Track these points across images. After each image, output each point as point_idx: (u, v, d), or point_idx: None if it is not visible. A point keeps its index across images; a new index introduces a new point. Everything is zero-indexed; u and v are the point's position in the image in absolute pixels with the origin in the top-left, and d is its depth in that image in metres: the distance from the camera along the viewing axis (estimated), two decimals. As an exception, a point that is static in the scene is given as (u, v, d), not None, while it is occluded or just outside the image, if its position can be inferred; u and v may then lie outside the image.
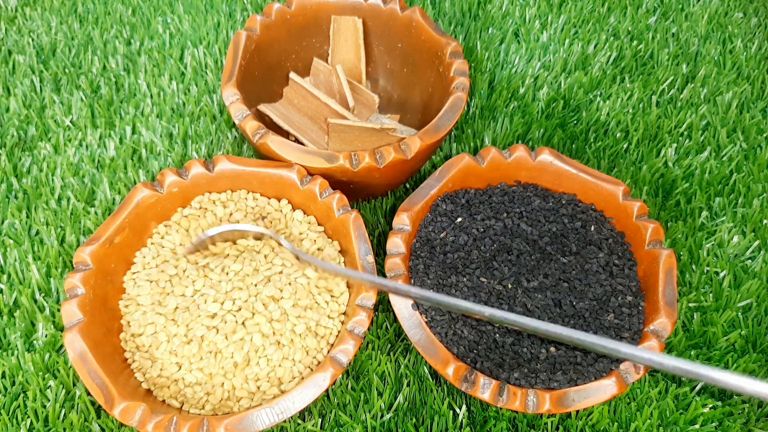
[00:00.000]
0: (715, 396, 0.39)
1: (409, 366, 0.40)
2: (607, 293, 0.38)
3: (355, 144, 0.44)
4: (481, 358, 0.36)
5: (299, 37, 0.51)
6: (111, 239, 0.38)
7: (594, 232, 0.41)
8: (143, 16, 0.60)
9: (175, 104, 0.53)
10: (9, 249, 0.44)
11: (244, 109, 0.42)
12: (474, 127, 0.52)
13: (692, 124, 0.53)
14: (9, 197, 0.47)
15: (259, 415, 0.33)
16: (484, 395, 0.34)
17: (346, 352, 0.35)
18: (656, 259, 0.39)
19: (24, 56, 0.56)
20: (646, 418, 0.38)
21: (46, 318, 0.41)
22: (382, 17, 0.50)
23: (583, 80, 0.55)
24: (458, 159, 0.42)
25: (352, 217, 0.39)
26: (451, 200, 0.42)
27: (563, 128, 0.53)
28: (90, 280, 0.37)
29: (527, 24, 0.60)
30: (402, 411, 0.38)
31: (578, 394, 0.34)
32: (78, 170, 0.48)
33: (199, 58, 0.56)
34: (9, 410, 0.37)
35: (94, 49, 0.57)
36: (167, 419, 0.32)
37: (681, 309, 0.42)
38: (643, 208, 0.41)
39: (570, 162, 0.43)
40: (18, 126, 0.51)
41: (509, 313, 0.34)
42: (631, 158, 0.51)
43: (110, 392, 0.33)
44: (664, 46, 0.59)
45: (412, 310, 0.37)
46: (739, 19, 0.62)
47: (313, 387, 0.34)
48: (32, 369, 0.38)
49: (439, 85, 0.47)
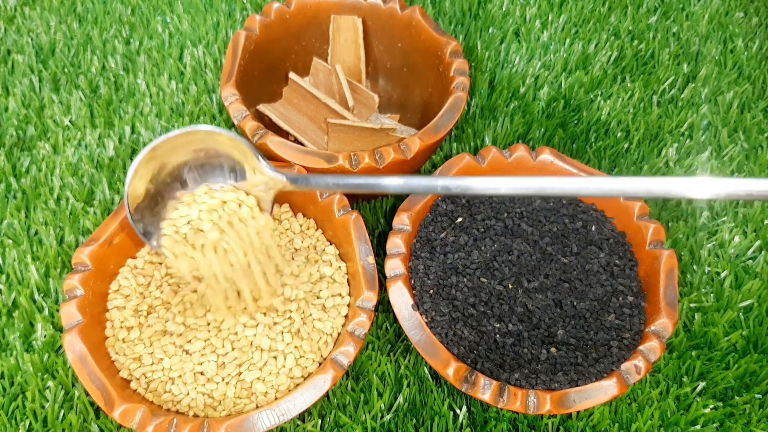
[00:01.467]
0: (716, 397, 0.39)
1: (409, 367, 0.40)
2: (608, 293, 0.38)
3: (354, 144, 0.44)
4: (482, 358, 0.36)
5: (299, 36, 0.50)
6: (110, 240, 0.38)
7: (595, 232, 0.41)
8: (142, 16, 0.59)
9: (175, 104, 0.53)
10: (8, 249, 0.43)
11: (243, 109, 0.42)
12: (474, 126, 0.52)
13: (693, 123, 0.53)
14: (8, 197, 0.46)
15: (260, 417, 0.33)
16: (485, 396, 0.34)
17: (347, 354, 0.35)
18: (657, 259, 0.39)
19: (23, 56, 0.55)
20: (647, 419, 0.38)
21: (44, 318, 0.41)
22: (381, 17, 0.50)
23: (583, 80, 0.55)
24: (458, 159, 0.42)
25: (353, 218, 0.39)
26: (451, 200, 0.42)
27: (564, 128, 0.52)
28: (89, 281, 0.36)
29: (528, 23, 0.60)
30: (402, 412, 0.38)
31: (579, 395, 0.34)
32: (77, 170, 0.48)
33: (199, 58, 0.56)
34: (8, 411, 0.37)
35: (93, 49, 0.56)
36: (167, 421, 0.32)
37: (682, 309, 0.42)
38: (644, 208, 0.41)
39: (571, 162, 0.43)
40: (17, 126, 0.51)
41: (519, 178, 0.30)
42: (631, 158, 0.51)
43: (110, 394, 0.33)
44: (664, 45, 0.59)
45: (412, 311, 0.36)
46: (740, 18, 0.62)
47: (313, 389, 0.34)
48: (31, 369, 0.38)
49: (439, 84, 0.47)
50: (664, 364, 0.40)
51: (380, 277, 0.39)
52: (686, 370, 0.40)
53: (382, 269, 0.43)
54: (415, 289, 0.38)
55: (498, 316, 0.37)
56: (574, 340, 0.36)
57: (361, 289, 0.37)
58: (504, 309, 0.37)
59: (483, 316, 0.37)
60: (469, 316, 0.37)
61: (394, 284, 0.37)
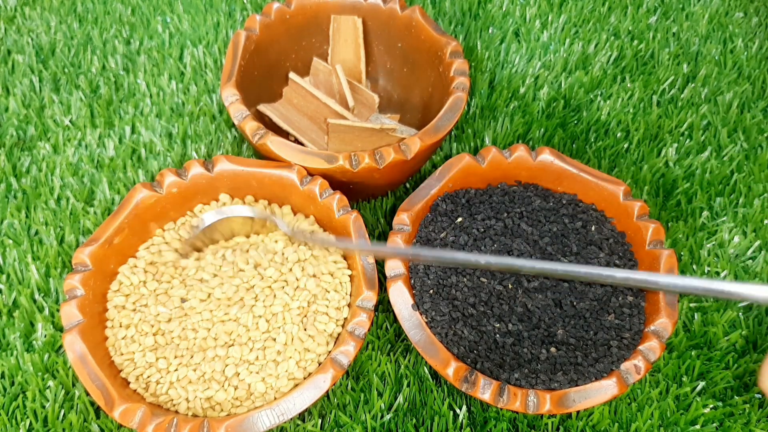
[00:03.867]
0: (716, 396, 0.39)
1: (409, 366, 0.40)
2: (607, 293, 0.38)
3: (354, 144, 0.44)
4: (482, 358, 0.36)
5: (299, 36, 0.50)
6: (110, 240, 0.38)
7: (594, 232, 0.41)
8: (143, 16, 0.60)
9: (175, 104, 0.53)
10: (8, 249, 0.44)
11: (244, 110, 0.42)
12: (474, 126, 0.52)
13: (693, 123, 0.53)
14: (8, 197, 0.47)
15: (260, 416, 0.33)
16: (485, 396, 0.34)
17: (347, 354, 0.35)
18: (657, 259, 0.39)
19: (23, 56, 0.55)
20: (647, 419, 0.38)
21: (45, 318, 0.41)
22: (381, 17, 0.50)
23: (583, 80, 0.55)
24: (458, 159, 0.42)
25: (353, 218, 0.39)
26: (451, 200, 0.42)
27: (564, 128, 0.52)
28: (89, 281, 0.36)
29: (528, 23, 0.60)
30: (402, 411, 0.38)
31: (579, 395, 0.34)
32: (77, 170, 0.48)
33: (199, 58, 0.56)
34: (8, 410, 0.37)
35: (94, 49, 0.56)
36: (167, 421, 0.32)
37: (682, 309, 0.42)
38: (643, 208, 0.41)
39: (570, 162, 0.43)
40: (17, 126, 0.51)
41: (504, 258, 0.34)
42: (631, 158, 0.51)
43: (110, 394, 0.33)
44: (664, 45, 0.59)
45: (412, 311, 0.37)
46: (739, 18, 0.62)
47: (313, 388, 0.34)
48: (31, 369, 0.38)
49: (439, 84, 0.47)
50: (664, 364, 0.40)
51: (380, 277, 0.39)
52: (686, 370, 0.40)
53: (382, 269, 0.43)
54: (415, 289, 0.38)
55: (498, 316, 0.37)
56: (573, 340, 0.36)
57: (361, 289, 0.37)
58: (504, 309, 0.37)
59: (483, 315, 0.37)
60: (469, 315, 0.37)
61: (394, 284, 0.37)
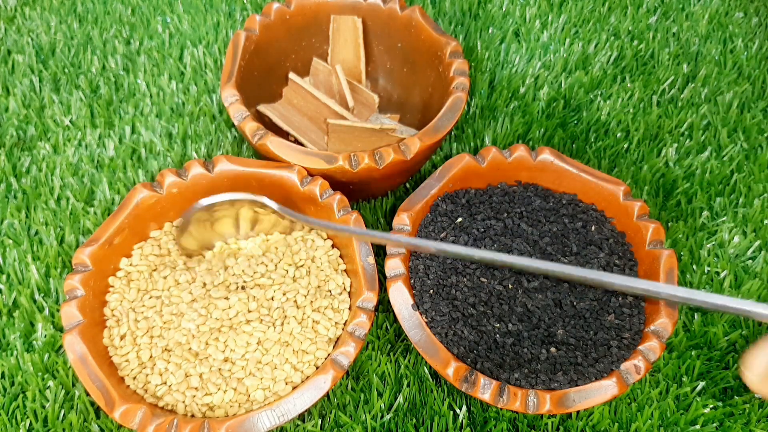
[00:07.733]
0: (716, 396, 0.39)
1: (409, 366, 0.40)
2: (607, 293, 0.38)
3: (354, 144, 0.44)
4: (482, 358, 0.36)
5: (298, 37, 0.50)
6: (110, 240, 0.38)
7: (594, 232, 0.41)
8: (143, 16, 0.60)
9: (175, 104, 0.53)
10: (8, 249, 0.44)
11: (244, 110, 0.42)
12: (474, 126, 0.52)
13: (693, 123, 0.53)
14: (8, 197, 0.47)
15: (260, 417, 0.33)
16: (485, 396, 0.34)
17: (347, 354, 0.35)
18: (657, 259, 0.39)
19: (23, 56, 0.55)
20: (647, 419, 0.38)
21: (45, 318, 0.41)
22: (381, 17, 0.50)
23: (583, 80, 0.55)
24: (458, 159, 0.42)
25: (353, 218, 0.39)
26: (451, 200, 0.42)
27: (564, 128, 0.52)
28: (89, 281, 0.36)
29: (527, 23, 0.60)
30: (402, 411, 0.38)
31: (579, 395, 0.34)
32: (77, 170, 0.48)
33: (199, 58, 0.56)
34: (8, 411, 0.37)
35: (94, 49, 0.56)
36: (168, 422, 0.32)
37: (682, 309, 0.42)
38: (643, 208, 0.41)
39: (570, 162, 0.43)
40: (17, 126, 0.51)
41: (498, 254, 0.35)
42: (631, 158, 0.51)
43: (110, 394, 0.33)
44: (664, 45, 0.59)
45: (412, 311, 0.37)
46: (739, 18, 0.62)
47: (314, 389, 0.34)
48: (31, 369, 0.38)
49: (439, 84, 0.47)
50: (664, 364, 0.40)
51: (380, 277, 0.39)
52: (686, 370, 0.40)
53: (382, 269, 0.43)
54: (415, 289, 0.38)
55: (498, 316, 0.37)
56: (573, 340, 0.36)
57: (361, 290, 0.37)
58: (504, 309, 0.37)
59: (483, 315, 0.37)
60: (469, 315, 0.37)
61: (394, 284, 0.37)
